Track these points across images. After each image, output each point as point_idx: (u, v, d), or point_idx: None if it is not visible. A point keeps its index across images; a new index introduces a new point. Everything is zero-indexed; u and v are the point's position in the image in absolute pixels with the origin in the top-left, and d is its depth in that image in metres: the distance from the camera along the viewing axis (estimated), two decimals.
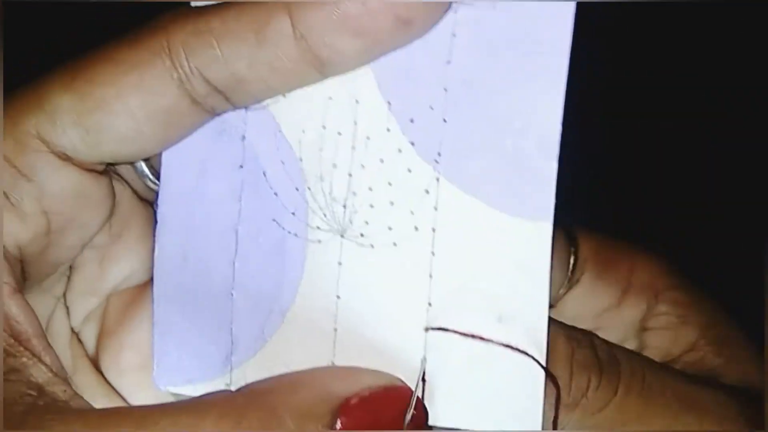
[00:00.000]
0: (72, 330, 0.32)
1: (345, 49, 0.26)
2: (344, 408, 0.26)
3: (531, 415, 0.27)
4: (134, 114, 0.27)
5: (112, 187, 0.30)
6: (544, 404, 0.27)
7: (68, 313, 0.32)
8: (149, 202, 0.32)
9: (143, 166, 0.31)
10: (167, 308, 0.31)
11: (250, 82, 0.27)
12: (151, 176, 0.31)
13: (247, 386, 0.28)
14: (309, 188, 0.29)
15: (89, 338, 0.32)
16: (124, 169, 0.32)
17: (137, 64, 0.27)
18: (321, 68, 0.27)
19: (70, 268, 0.32)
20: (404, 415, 0.27)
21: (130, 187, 0.32)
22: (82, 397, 0.27)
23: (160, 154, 0.30)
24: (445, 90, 0.27)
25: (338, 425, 0.26)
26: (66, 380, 0.28)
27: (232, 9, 0.26)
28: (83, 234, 0.30)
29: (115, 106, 0.27)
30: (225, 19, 0.26)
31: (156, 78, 0.27)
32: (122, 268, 0.32)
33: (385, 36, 0.26)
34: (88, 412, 0.26)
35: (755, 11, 0.45)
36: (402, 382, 0.28)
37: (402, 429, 0.27)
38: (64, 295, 0.32)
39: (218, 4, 0.27)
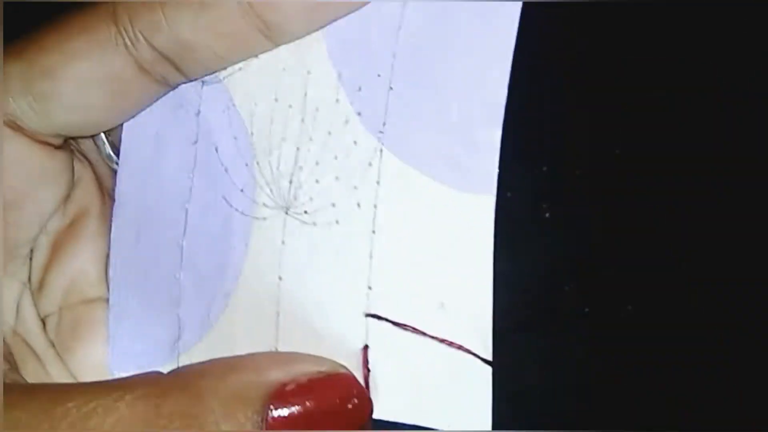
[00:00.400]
0: (41, 319, 0.31)
1: (289, 11, 0.25)
2: (278, 394, 0.24)
3: (479, 411, 0.25)
4: (81, 81, 0.27)
5: (71, 165, 0.30)
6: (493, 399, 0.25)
7: (34, 300, 0.31)
8: (111, 196, 0.32)
9: (107, 146, 0.31)
10: (122, 291, 0.30)
11: (196, 49, 0.26)
12: (115, 158, 0.31)
13: (177, 369, 0.26)
14: (257, 163, 0.27)
15: (51, 337, 0.31)
16: (89, 150, 0.31)
17: (84, 30, 0.27)
18: (268, 33, 0.26)
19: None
20: (346, 404, 0.25)
21: (93, 171, 0.31)
22: (17, 373, 0.27)
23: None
24: (394, 56, 0.26)
25: (272, 413, 0.24)
26: (12, 362, 0.27)
27: None
28: (39, 211, 0.30)
29: (61, 72, 0.27)
30: None
31: (102, 44, 0.26)
32: (74, 264, 0.31)
33: None
34: (14, 388, 0.25)
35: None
36: (346, 369, 0.26)
37: (343, 419, 0.25)
38: (29, 280, 0.31)
39: None
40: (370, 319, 0.26)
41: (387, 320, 0.26)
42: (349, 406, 0.25)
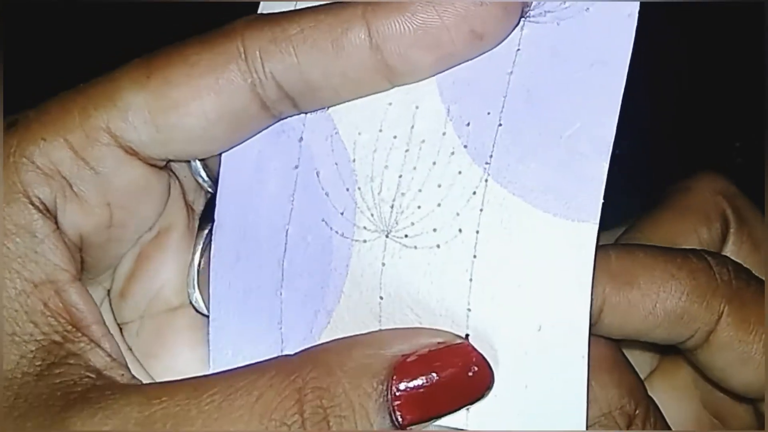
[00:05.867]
0: (118, 324, 0.32)
1: (418, 62, 0.27)
2: (401, 365, 0.26)
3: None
4: (207, 115, 0.28)
5: (169, 182, 0.31)
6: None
7: (112, 307, 0.32)
8: (192, 209, 0.33)
9: (198, 163, 0.32)
10: (222, 306, 0.31)
11: (321, 90, 0.28)
12: (203, 174, 0.32)
13: (304, 349, 0.28)
14: (359, 188, 0.29)
15: (130, 343, 0.33)
16: (177, 166, 0.32)
17: (213, 67, 0.27)
18: (392, 78, 0.28)
19: None
20: (466, 373, 0.26)
21: (180, 185, 0.32)
22: (140, 381, 0.28)
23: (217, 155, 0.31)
24: (504, 97, 0.27)
25: (396, 383, 0.26)
26: (125, 365, 0.28)
27: (310, 17, 0.27)
28: (140, 227, 0.31)
29: (190, 107, 0.28)
30: (303, 27, 0.27)
31: (231, 81, 0.27)
32: (161, 275, 0.32)
33: (458, 49, 0.27)
34: (145, 386, 0.27)
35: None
36: (463, 339, 0.27)
37: (465, 387, 0.27)
38: (109, 290, 0.32)
39: (293, 12, 0.28)
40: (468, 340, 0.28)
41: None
42: (470, 374, 0.26)
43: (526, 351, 0.27)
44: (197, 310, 0.32)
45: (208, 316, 0.32)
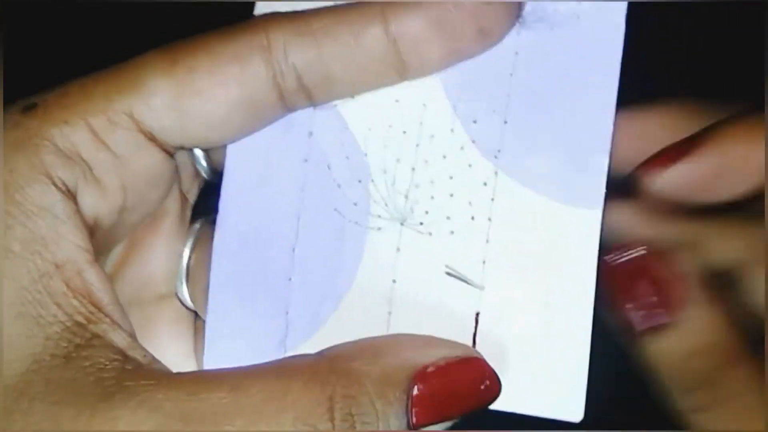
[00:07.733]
0: None
1: (429, 56, 0.29)
2: (421, 375, 0.28)
3: (574, 405, 0.30)
4: (229, 103, 0.29)
5: (176, 169, 0.32)
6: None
7: None
8: (185, 198, 0.34)
9: (200, 152, 0.32)
10: (222, 295, 0.32)
11: (338, 82, 0.29)
12: (204, 163, 0.32)
13: (329, 350, 0.29)
14: (372, 180, 0.31)
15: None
16: (178, 154, 0.32)
17: (237, 56, 0.28)
18: (402, 72, 0.30)
19: None
20: (479, 386, 0.29)
21: (177, 173, 0.33)
22: (160, 362, 0.28)
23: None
24: (508, 96, 0.30)
25: (415, 392, 0.28)
26: (142, 346, 0.29)
27: (330, 13, 0.29)
28: (145, 212, 0.32)
29: (214, 94, 0.29)
30: (324, 22, 0.29)
31: (254, 71, 0.29)
32: (152, 261, 0.33)
33: (466, 45, 0.29)
34: (183, 378, 0.27)
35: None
36: (477, 353, 0.30)
37: (475, 398, 0.29)
38: None
39: (314, 9, 0.29)
40: (480, 317, 0.30)
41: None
42: (482, 387, 0.29)
43: (534, 324, 0.30)
44: (183, 303, 0.33)
45: (194, 311, 0.33)
